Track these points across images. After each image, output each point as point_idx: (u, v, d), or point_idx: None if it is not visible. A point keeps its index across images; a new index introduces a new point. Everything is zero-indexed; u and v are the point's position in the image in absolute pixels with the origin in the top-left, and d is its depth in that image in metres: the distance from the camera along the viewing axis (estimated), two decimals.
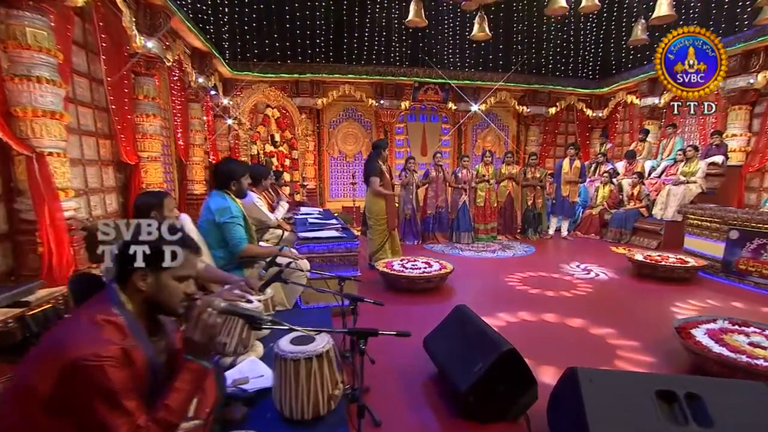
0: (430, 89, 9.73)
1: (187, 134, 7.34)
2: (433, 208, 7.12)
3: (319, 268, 3.66)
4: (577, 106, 10.44)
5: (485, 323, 2.45)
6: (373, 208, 5.04)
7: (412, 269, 4.49)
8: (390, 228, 5.09)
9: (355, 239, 3.72)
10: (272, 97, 8.21)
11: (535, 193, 7.54)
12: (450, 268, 4.58)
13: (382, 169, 4.95)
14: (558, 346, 3.17)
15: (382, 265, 4.64)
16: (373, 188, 4.93)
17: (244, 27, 9.29)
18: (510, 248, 6.72)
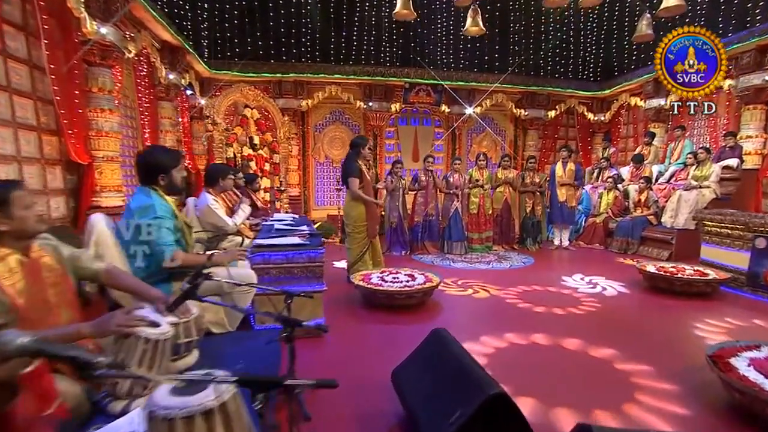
0: (421, 91, 9.29)
1: (156, 134, 6.84)
2: (422, 216, 6.60)
3: (276, 281, 3.12)
4: (577, 109, 10.00)
5: (468, 355, 1.92)
6: (351, 213, 4.53)
7: (393, 283, 3.95)
8: (370, 236, 4.56)
9: (320, 247, 3.20)
10: (251, 96, 7.73)
11: (535, 199, 7.04)
12: (436, 281, 4.05)
13: (361, 169, 4.45)
14: (563, 378, 2.63)
15: (359, 277, 4.10)
16: (352, 190, 4.43)
17: (224, 24, 8.87)
18: (507, 259, 6.19)
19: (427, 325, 3.49)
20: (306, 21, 9.29)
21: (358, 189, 4.39)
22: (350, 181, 4.41)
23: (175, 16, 7.86)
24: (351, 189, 4.42)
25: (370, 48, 9.77)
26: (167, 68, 6.73)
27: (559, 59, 10.28)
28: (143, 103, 6.47)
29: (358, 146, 4.52)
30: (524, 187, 7.05)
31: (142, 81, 6.43)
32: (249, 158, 7.81)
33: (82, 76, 4.85)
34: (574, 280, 4.97)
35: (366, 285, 3.87)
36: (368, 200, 4.43)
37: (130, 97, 6.43)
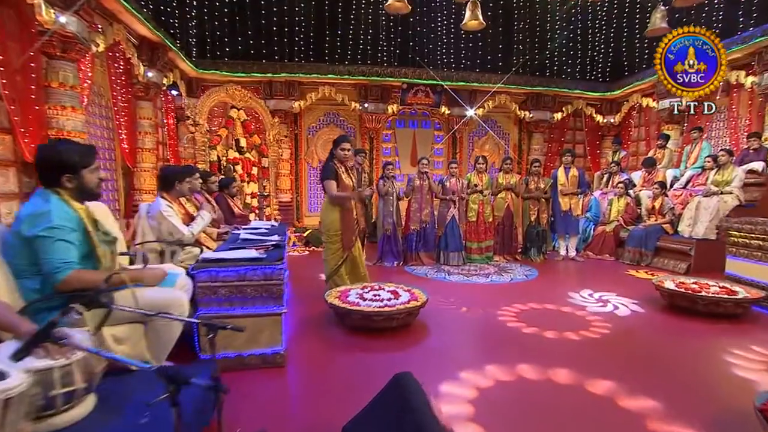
0: (420, 91, 8.84)
1: (133, 136, 6.44)
2: (417, 223, 6.11)
3: (227, 302, 2.65)
4: (585, 111, 9.48)
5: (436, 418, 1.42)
6: (325, 220, 4.06)
7: (372, 301, 3.46)
8: (345, 247, 4.07)
9: (278, 262, 2.72)
10: (237, 96, 7.33)
11: (539, 206, 6.53)
12: (423, 299, 3.55)
13: (338, 171, 3.98)
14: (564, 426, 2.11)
15: (335, 295, 3.62)
16: (328, 193, 3.96)
17: (212, 21, 8.51)
18: (508, 272, 5.67)
19: (407, 352, 3.01)
20: (299, 19, 8.90)
21: (336, 191, 3.93)
22: (325, 183, 3.95)
23: (157, 11, 7.50)
24: (327, 191, 3.95)
25: (367, 47, 9.36)
26: (146, 66, 6.34)
27: (566, 58, 9.79)
28: (119, 102, 6.07)
29: (335, 145, 4.07)
30: (528, 193, 6.54)
31: (118, 78, 6.04)
32: (234, 161, 7.40)
33: (39, 69, 4.44)
34: (582, 297, 4.44)
35: (340, 304, 3.39)
36: (344, 196, 3.95)
37: (106, 96, 6.05)
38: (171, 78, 7.31)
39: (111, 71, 5.90)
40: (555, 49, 9.63)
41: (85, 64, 5.15)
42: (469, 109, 9.02)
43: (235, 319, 2.65)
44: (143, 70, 6.25)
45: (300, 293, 4.53)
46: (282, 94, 8.55)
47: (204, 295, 2.62)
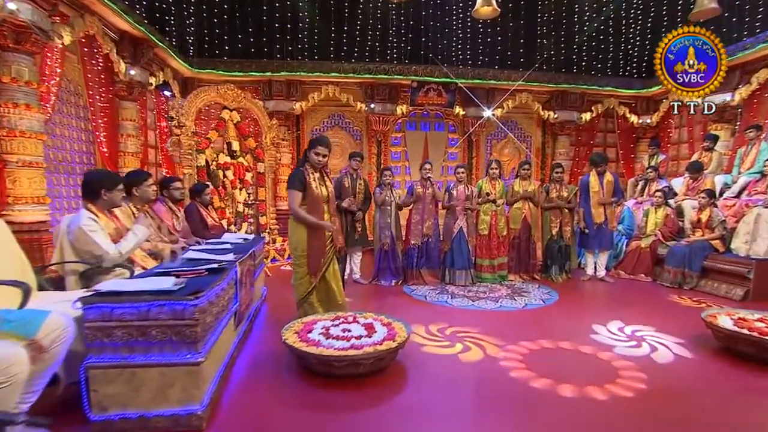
0: (431, 90, 8.15)
1: (115, 139, 6.02)
2: (417, 237, 5.40)
3: (125, 347, 2.04)
4: (618, 110, 8.55)
5: None
6: (291, 238, 3.43)
7: (338, 339, 2.79)
8: (311, 272, 3.40)
9: (195, 296, 2.08)
10: (230, 96, 6.83)
11: (562, 218, 5.70)
12: (402, 336, 2.85)
13: (306, 179, 3.34)
14: None
15: (295, 329, 2.96)
16: (290, 207, 3.33)
17: (208, 17, 8.09)
18: (523, 294, 4.89)
19: (378, 411, 2.31)
20: (300, 14, 8.38)
21: (297, 206, 3.29)
22: (288, 194, 3.31)
23: (150, 7, 7.12)
24: (289, 203, 3.32)
25: (375, 43, 8.75)
26: (128, 63, 5.92)
27: (596, 52, 8.87)
28: (97, 102, 5.65)
29: (310, 148, 3.44)
30: (548, 202, 5.73)
31: (96, 76, 5.63)
32: (225, 166, 6.88)
33: None
34: (610, 332, 3.62)
35: (295, 343, 2.72)
36: (310, 221, 3.31)
37: (84, 95, 5.65)
38: (161, 77, 6.90)
39: (87, 68, 5.49)
40: (583, 42, 8.75)
41: (51, 58, 4.73)
42: (486, 110, 8.29)
43: (137, 369, 2.04)
44: (124, 68, 5.83)
45: (273, 319, 3.91)
46: (282, 94, 8.05)
47: (95, 339, 2.01)
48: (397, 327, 3.02)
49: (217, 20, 8.13)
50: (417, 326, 3.67)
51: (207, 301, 2.19)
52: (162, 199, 4.23)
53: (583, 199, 5.70)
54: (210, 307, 2.24)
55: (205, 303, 2.15)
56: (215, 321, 2.36)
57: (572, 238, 5.82)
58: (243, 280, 3.21)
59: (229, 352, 2.78)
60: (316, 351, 2.62)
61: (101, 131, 5.73)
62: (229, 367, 2.74)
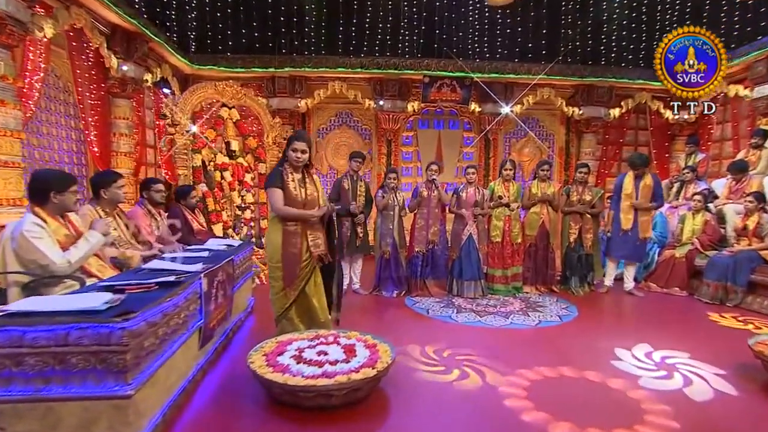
0: (445, 86, 7.79)
1: (106, 138, 5.90)
2: (422, 244, 5.05)
3: (39, 377, 1.79)
4: (651, 105, 7.99)
5: None
6: (267, 246, 3.15)
7: (309, 364, 2.48)
8: (286, 284, 3.10)
9: (125, 318, 1.81)
10: (228, 93, 6.64)
11: (583, 224, 5.26)
12: (386, 362, 2.53)
13: (284, 178, 3.06)
14: None
15: (266, 350, 2.68)
16: (272, 206, 3.06)
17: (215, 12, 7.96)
18: (537, 309, 4.48)
19: None
20: (305, 6, 8.16)
21: (282, 204, 3.01)
22: (268, 193, 3.04)
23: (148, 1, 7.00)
24: (271, 203, 3.04)
25: (385, 36, 8.43)
26: (120, 58, 5.78)
27: (627, 42, 8.31)
28: (87, 99, 5.53)
29: (286, 146, 3.17)
30: (570, 206, 5.30)
31: (86, 72, 5.51)
32: (223, 167, 6.69)
33: None
34: (636, 358, 3.20)
35: (261, 369, 2.43)
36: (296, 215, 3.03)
37: (74, 92, 5.53)
38: (158, 74, 6.77)
39: (76, 63, 5.36)
40: (612, 31, 8.22)
41: (34, 52, 4.61)
42: (504, 106, 7.85)
43: (54, 403, 1.78)
44: (116, 63, 5.69)
45: (258, 333, 3.63)
46: (286, 91, 7.83)
47: (2, 368, 1.75)
48: (382, 350, 2.70)
49: (219, 14, 8.00)
50: (412, 346, 3.34)
51: (144, 322, 1.92)
52: (141, 202, 4.05)
53: (615, 200, 5.25)
54: (150, 329, 1.97)
55: (140, 325, 1.88)
56: (159, 344, 2.09)
57: (595, 247, 5.37)
58: (214, 292, 2.95)
59: (188, 377, 2.51)
60: (281, 379, 2.32)
61: (92, 130, 5.61)
62: (187, 394, 2.47)
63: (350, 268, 5.21)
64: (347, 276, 5.17)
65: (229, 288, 3.40)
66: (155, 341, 2.03)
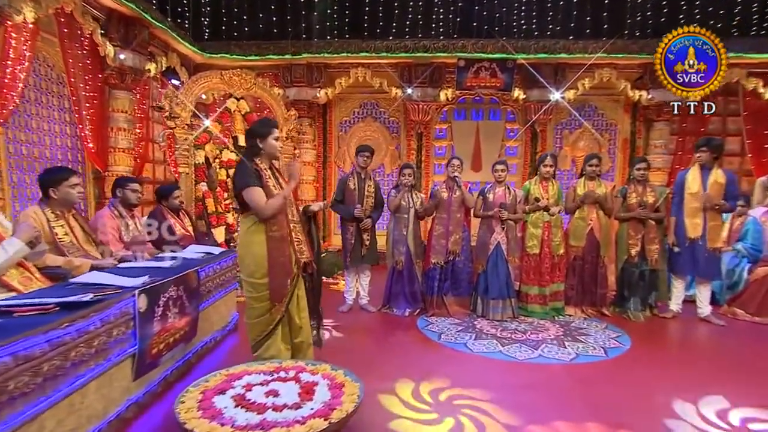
0: (483, 70, 7.25)
1: (103, 133, 5.88)
2: (440, 255, 4.58)
3: None
4: (745, 84, 6.99)
5: None
6: (244, 258, 2.83)
7: (254, 407, 2.13)
8: (273, 298, 2.78)
9: None
10: (236, 83, 6.47)
11: (645, 232, 4.58)
12: (345, 412, 2.11)
13: (261, 175, 2.76)
14: None
15: (202, 390, 2.34)
16: (255, 207, 2.72)
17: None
18: (578, 338, 3.89)
19: None
20: None
21: (265, 203, 2.68)
22: (247, 194, 2.69)
23: None
24: (253, 205, 2.69)
25: (416, 15, 7.98)
26: (117, 46, 5.75)
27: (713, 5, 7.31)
28: (81, 91, 5.53)
29: (253, 136, 2.85)
30: (627, 210, 4.64)
31: (80, 61, 5.50)
32: (229, 164, 6.54)
33: None
34: (702, 417, 2.57)
35: (182, 413, 2.09)
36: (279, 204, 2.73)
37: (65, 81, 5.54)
38: (163, 63, 6.74)
39: (67, 51, 5.35)
40: None
41: (17, 39, 4.60)
42: (554, 92, 7.21)
43: None
44: (113, 52, 5.65)
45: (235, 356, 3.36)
46: (303, 80, 7.62)
47: None
48: (348, 393, 2.29)
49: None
50: (403, 383, 2.91)
51: (10, 357, 1.62)
52: (112, 203, 3.89)
53: (676, 203, 4.55)
54: (20, 366, 1.67)
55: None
56: (43, 383, 1.78)
57: (662, 261, 4.66)
58: (159, 311, 2.67)
59: (108, 417, 2.23)
60: (205, 430, 1.96)
61: (87, 124, 5.60)
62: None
63: (357, 280, 4.84)
64: (353, 290, 4.82)
65: (191, 304, 3.13)
66: (33, 380, 1.73)
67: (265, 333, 2.84)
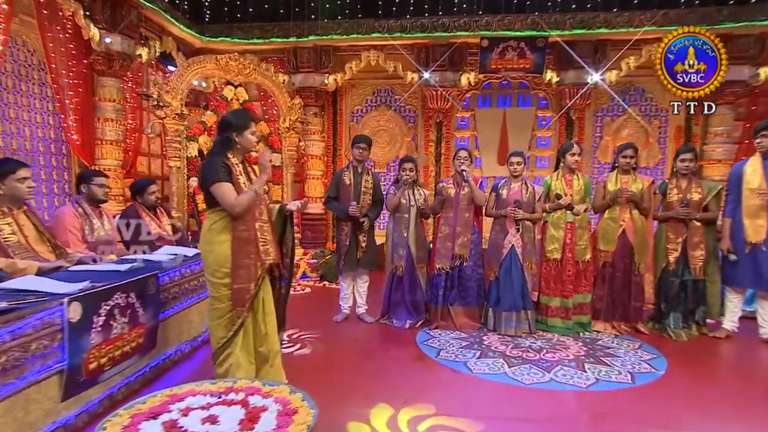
0: (510, 49, 6.99)
1: (89, 124, 5.92)
2: (444, 259, 4.37)
3: None
4: None
5: None
6: (207, 257, 2.76)
7: None
8: (236, 302, 2.69)
9: None
10: (234, 68, 6.43)
11: (688, 234, 4.22)
12: None
13: (231, 169, 2.68)
14: None
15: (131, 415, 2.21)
16: (225, 203, 2.64)
17: None
18: (603, 359, 3.61)
19: None
20: None
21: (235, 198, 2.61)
22: (216, 189, 2.62)
23: None
24: (222, 201, 2.63)
25: None
26: (102, 29, 5.78)
27: None
28: (64, 78, 5.58)
29: (228, 128, 2.75)
30: (668, 209, 4.29)
31: (63, 45, 5.54)
32: None
33: None
34: None
35: None
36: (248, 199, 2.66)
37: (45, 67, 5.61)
38: (157, 48, 6.76)
39: (47, 34, 5.39)
40: None
41: None
42: (592, 73, 6.86)
43: None
44: (98, 35, 5.68)
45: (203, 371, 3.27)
46: (310, 65, 7.54)
47: None
48: (298, 422, 2.12)
49: None
50: (380, 408, 2.73)
51: None
52: (77, 199, 3.88)
53: (732, 200, 4.18)
54: None
55: None
56: None
57: (710, 270, 4.29)
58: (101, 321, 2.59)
59: None
60: None
61: (70, 114, 5.66)
62: None
63: (354, 286, 4.69)
64: (349, 297, 4.67)
65: (147, 313, 3.04)
66: None
67: (224, 339, 2.78)
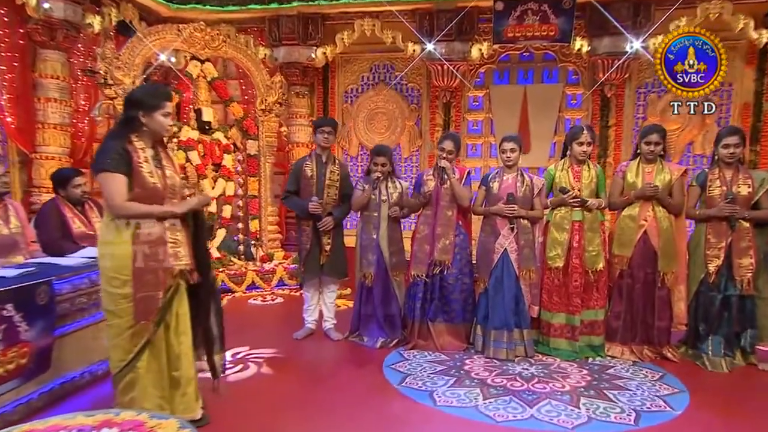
0: (530, 13, 6.78)
1: (27, 103, 5.94)
2: (421, 265, 4.21)
3: None
4: None
5: None
6: (104, 262, 2.68)
7: None
8: (139, 316, 2.62)
9: None
10: (199, 40, 6.37)
11: (735, 239, 3.94)
12: None
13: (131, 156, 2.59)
14: None
15: None
16: (107, 199, 2.61)
17: None
18: (608, 392, 3.38)
19: None
20: None
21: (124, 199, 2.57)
22: (102, 178, 2.57)
23: None
24: (105, 196, 2.61)
25: None
26: None
27: None
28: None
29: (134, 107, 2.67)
30: (708, 206, 4.00)
31: None
32: (188, 145, 6.47)
33: None
34: None
35: None
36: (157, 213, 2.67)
37: None
38: (113, 16, 6.75)
39: None
40: None
41: None
42: (633, 40, 6.57)
43: None
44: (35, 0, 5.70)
45: None
46: (295, 37, 7.49)
47: None
48: None
49: None
50: None
51: None
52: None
53: None
54: None
55: None
56: None
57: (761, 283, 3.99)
58: None
59: None
60: None
61: (3, 93, 5.69)
62: None
63: (319, 297, 4.57)
64: (313, 309, 4.59)
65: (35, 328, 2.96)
66: None
67: (124, 363, 2.67)
